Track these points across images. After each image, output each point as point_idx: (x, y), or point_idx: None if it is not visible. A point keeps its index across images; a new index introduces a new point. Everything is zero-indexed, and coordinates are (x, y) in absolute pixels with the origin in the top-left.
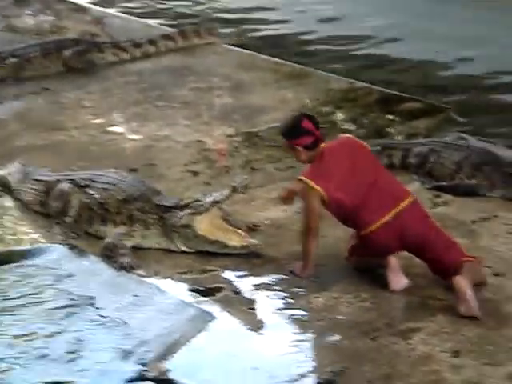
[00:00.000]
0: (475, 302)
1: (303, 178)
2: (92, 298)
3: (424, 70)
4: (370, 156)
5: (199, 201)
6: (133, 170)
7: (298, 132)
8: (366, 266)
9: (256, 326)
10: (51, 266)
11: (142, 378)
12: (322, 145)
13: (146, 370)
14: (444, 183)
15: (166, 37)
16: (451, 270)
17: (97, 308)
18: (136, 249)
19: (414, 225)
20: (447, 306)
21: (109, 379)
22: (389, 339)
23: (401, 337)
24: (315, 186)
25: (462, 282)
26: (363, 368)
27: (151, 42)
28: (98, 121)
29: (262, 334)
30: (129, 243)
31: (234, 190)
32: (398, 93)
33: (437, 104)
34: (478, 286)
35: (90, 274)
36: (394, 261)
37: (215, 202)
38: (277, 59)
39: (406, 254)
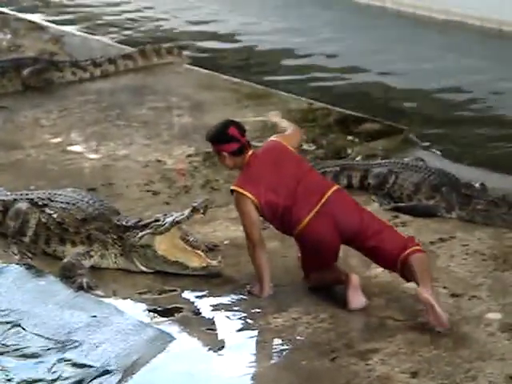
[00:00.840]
0: (443, 314)
1: (233, 187)
2: (50, 317)
3: (381, 90)
4: (295, 157)
5: (159, 221)
6: (91, 190)
7: (225, 138)
8: (323, 283)
9: (215, 346)
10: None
11: None
12: (250, 152)
13: None
14: (402, 204)
15: (126, 56)
16: (396, 260)
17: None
18: (94, 269)
19: (343, 208)
20: (405, 326)
21: None
22: (348, 360)
23: (359, 357)
24: (245, 192)
25: (425, 295)
26: None
27: (111, 61)
28: (56, 140)
29: (220, 354)
30: (87, 263)
31: (195, 210)
32: (356, 113)
33: (395, 125)
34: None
35: (47, 293)
36: (355, 278)
37: (175, 223)
38: (237, 79)
39: (364, 273)
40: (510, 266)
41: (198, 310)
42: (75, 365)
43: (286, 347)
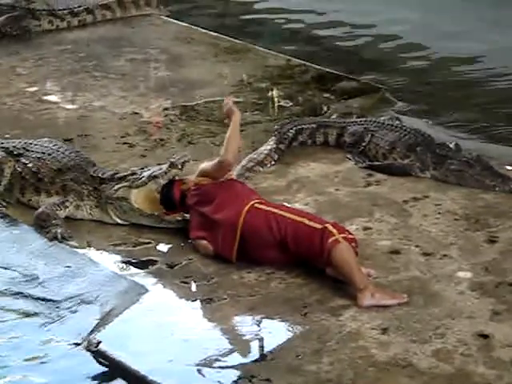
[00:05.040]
0: (395, 299)
1: None
2: (23, 267)
3: (361, 49)
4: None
5: (136, 174)
6: (67, 140)
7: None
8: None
9: (188, 299)
10: None
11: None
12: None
13: (78, 343)
14: (377, 163)
15: (104, 6)
16: (324, 256)
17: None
18: (69, 219)
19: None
20: (377, 283)
21: (43, 350)
22: (319, 315)
23: (331, 313)
24: None
25: (366, 303)
26: (293, 343)
27: (88, 10)
28: (32, 89)
29: (193, 307)
30: (62, 213)
31: (173, 165)
32: (334, 71)
33: (372, 83)
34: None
35: (21, 243)
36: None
37: (153, 177)
38: (216, 33)
39: None
40: (482, 226)
41: (172, 262)
42: (44, 299)
43: (259, 302)
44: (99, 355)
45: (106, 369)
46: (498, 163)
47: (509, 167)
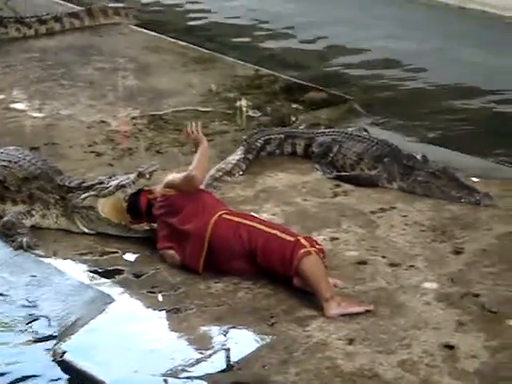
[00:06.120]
0: (360, 307)
1: None
2: None
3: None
4: None
5: (103, 183)
6: (34, 149)
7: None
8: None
9: (155, 309)
10: None
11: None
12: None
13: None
14: (345, 173)
15: (72, 14)
16: (293, 267)
17: None
18: (35, 228)
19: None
20: (344, 293)
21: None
22: (286, 326)
23: (298, 323)
24: None
25: (332, 312)
26: (260, 353)
27: (56, 18)
28: None
29: (160, 317)
30: (28, 222)
31: (141, 175)
32: (302, 82)
33: (340, 94)
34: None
35: None
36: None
37: (120, 186)
38: (184, 43)
39: None
40: (448, 237)
41: (139, 272)
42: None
43: (226, 312)
44: (64, 365)
45: (72, 378)
46: (465, 175)
47: (475, 179)
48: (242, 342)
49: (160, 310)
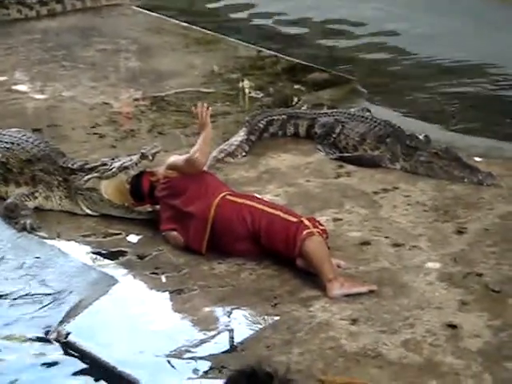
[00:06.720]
0: (363, 287)
1: None
2: None
3: (331, 41)
4: None
5: (106, 165)
6: (36, 130)
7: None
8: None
9: (158, 290)
10: None
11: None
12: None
13: (47, 333)
14: (348, 154)
15: None
16: (297, 247)
17: None
18: (38, 210)
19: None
20: (347, 274)
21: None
22: (290, 306)
23: (301, 304)
24: None
25: (334, 293)
26: (263, 334)
27: (58, 0)
28: (0, 79)
29: (164, 298)
30: (31, 204)
31: (143, 156)
32: (304, 62)
33: (342, 75)
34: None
35: None
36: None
37: (123, 168)
38: (186, 24)
39: None
40: (451, 217)
41: (143, 253)
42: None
43: (229, 293)
44: (68, 346)
45: (76, 360)
46: (467, 154)
47: (477, 158)
48: (246, 322)
49: (163, 292)
